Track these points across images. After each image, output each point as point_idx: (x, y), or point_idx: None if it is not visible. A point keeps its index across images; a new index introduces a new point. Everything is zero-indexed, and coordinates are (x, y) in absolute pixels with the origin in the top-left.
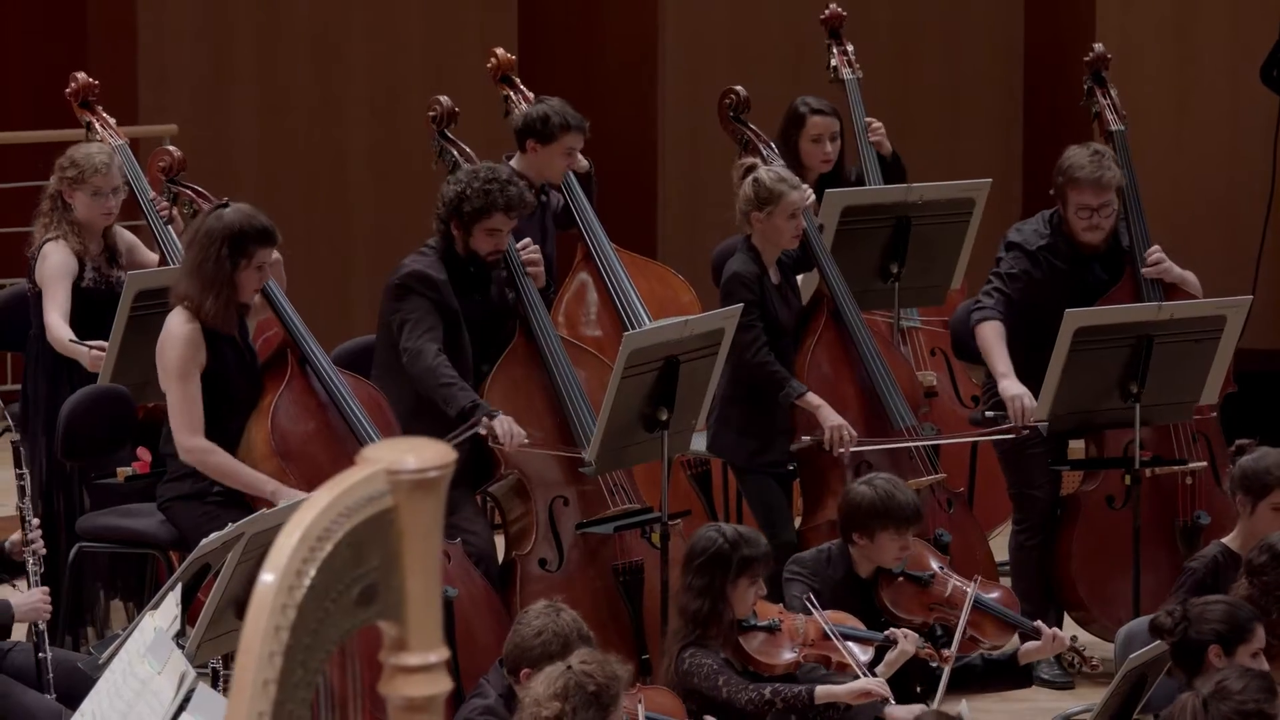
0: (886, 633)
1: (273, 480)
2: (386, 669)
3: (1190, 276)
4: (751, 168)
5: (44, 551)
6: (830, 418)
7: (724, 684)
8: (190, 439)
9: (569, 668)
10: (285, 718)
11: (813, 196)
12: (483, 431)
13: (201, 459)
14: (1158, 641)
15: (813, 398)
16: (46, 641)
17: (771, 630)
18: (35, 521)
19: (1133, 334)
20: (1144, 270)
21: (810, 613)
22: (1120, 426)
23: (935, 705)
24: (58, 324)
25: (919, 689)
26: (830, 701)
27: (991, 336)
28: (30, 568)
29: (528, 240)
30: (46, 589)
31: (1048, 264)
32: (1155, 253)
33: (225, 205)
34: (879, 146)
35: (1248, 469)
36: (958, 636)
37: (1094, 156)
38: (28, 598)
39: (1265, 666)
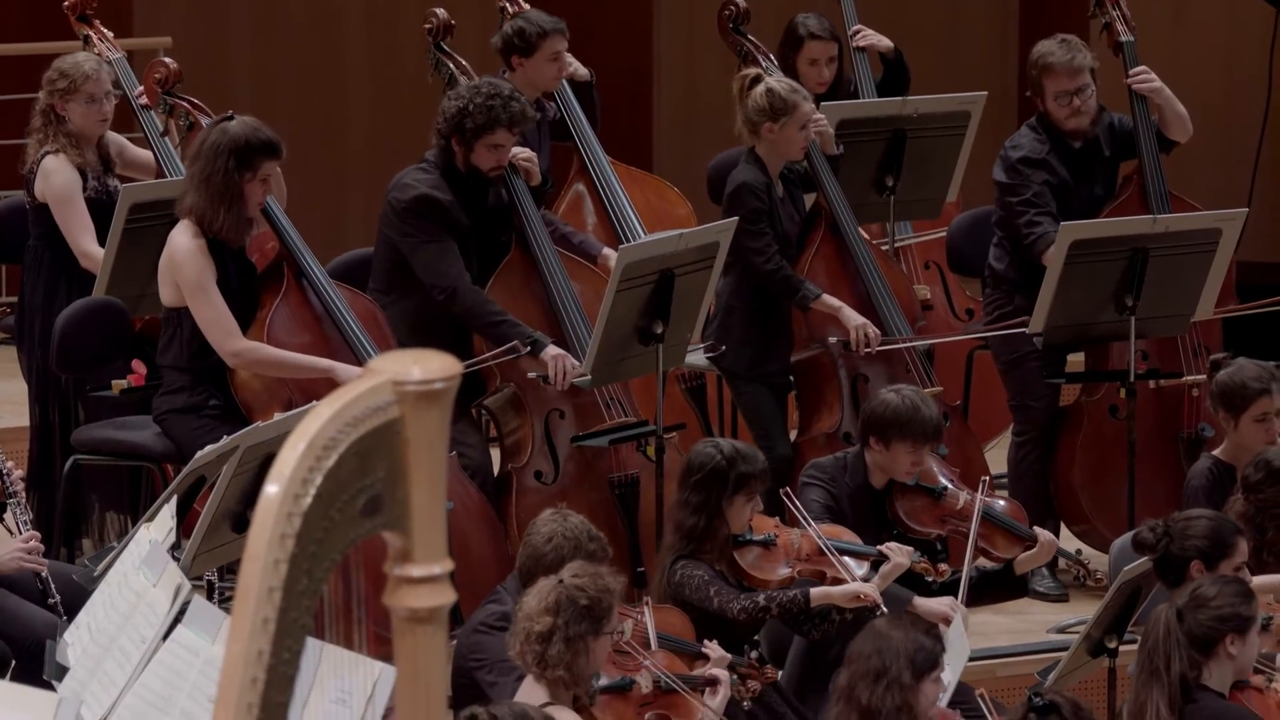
0: (880, 547)
1: (326, 359)
2: (391, 580)
3: (1177, 104)
4: (757, 79)
5: (28, 516)
6: (853, 318)
7: (715, 594)
8: (233, 343)
9: (560, 581)
10: (289, 625)
11: (828, 126)
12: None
13: (252, 359)
14: None
15: (831, 299)
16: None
17: (766, 545)
18: (18, 473)
19: (1128, 247)
20: (1132, 84)
21: (806, 527)
22: (1115, 339)
23: (960, 602)
24: (94, 249)
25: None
26: (825, 605)
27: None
28: (15, 515)
29: (518, 149)
30: (34, 534)
31: (1055, 171)
32: (1145, 72)
33: (230, 118)
34: (874, 48)
35: (1225, 384)
36: (970, 547)
37: (1063, 44)
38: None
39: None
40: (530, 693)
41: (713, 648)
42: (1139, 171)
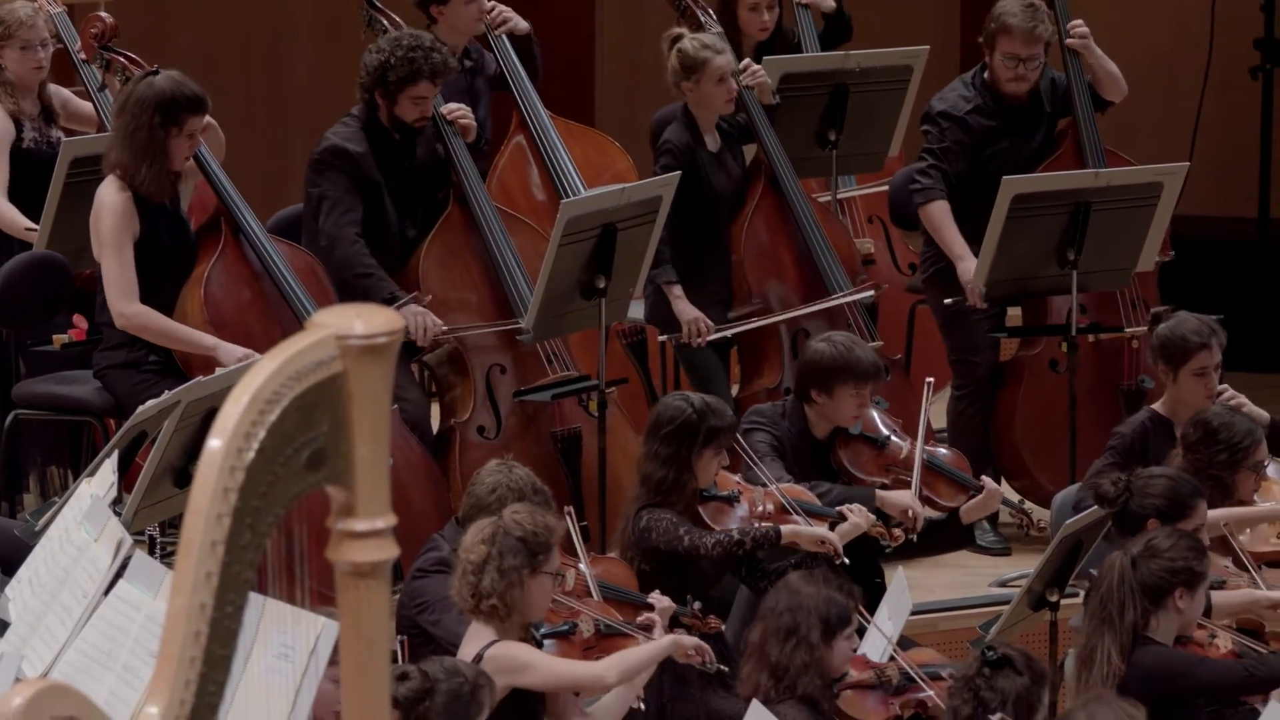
0: (839, 508)
1: (211, 336)
2: (334, 534)
3: (1109, 63)
4: (677, 38)
5: None
6: (686, 311)
7: (685, 533)
8: (126, 305)
9: (499, 517)
10: (232, 579)
11: (765, 77)
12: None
13: (138, 324)
14: (1093, 507)
15: (676, 289)
16: None
17: (730, 501)
18: None
19: (1069, 201)
20: (1068, 41)
21: (768, 485)
22: (1057, 293)
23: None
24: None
25: (877, 580)
26: (792, 543)
27: (938, 217)
28: None
29: (454, 105)
30: None
31: (979, 126)
32: (1079, 26)
33: (155, 73)
34: (817, 5)
35: (1165, 337)
36: (914, 492)
37: (1028, 8)
38: None
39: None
40: (477, 633)
41: (656, 598)
42: (1074, 127)
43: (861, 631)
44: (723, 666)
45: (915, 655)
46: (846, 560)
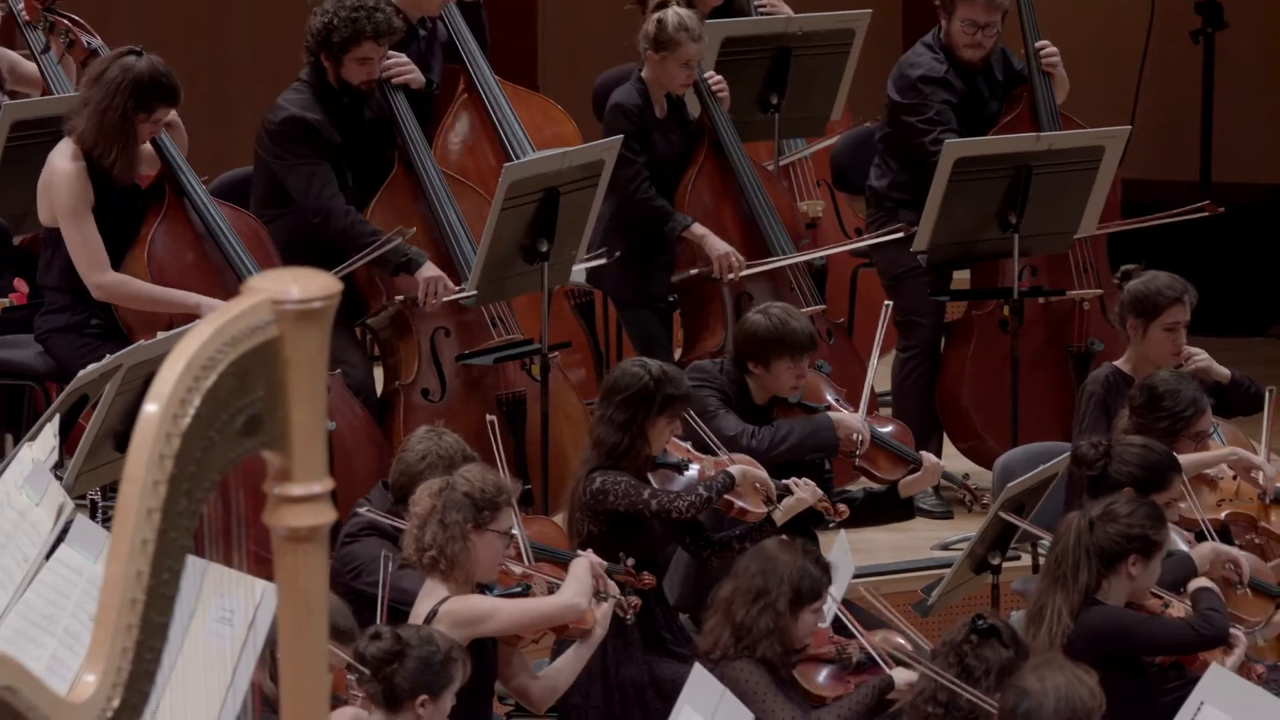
0: (787, 480)
1: (194, 295)
2: (271, 499)
3: (1064, 82)
4: (664, 3)
5: None
6: (717, 246)
7: (650, 496)
8: (100, 275)
9: (452, 474)
10: (169, 546)
11: (726, 90)
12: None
13: (118, 292)
14: (1036, 470)
15: (698, 228)
16: None
17: (680, 469)
18: None
19: (1011, 164)
20: (1043, 64)
21: (718, 454)
22: (999, 257)
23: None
24: None
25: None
26: (743, 484)
27: None
28: None
29: (391, 61)
30: None
31: (953, 89)
32: (1050, 47)
33: (138, 54)
34: None
35: (1138, 291)
36: (858, 460)
37: None
38: None
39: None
40: (430, 591)
41: (588, 555)
42: (1029, 89)
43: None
44: (628, 620)
45: (878, 636)
46: (778, 507)
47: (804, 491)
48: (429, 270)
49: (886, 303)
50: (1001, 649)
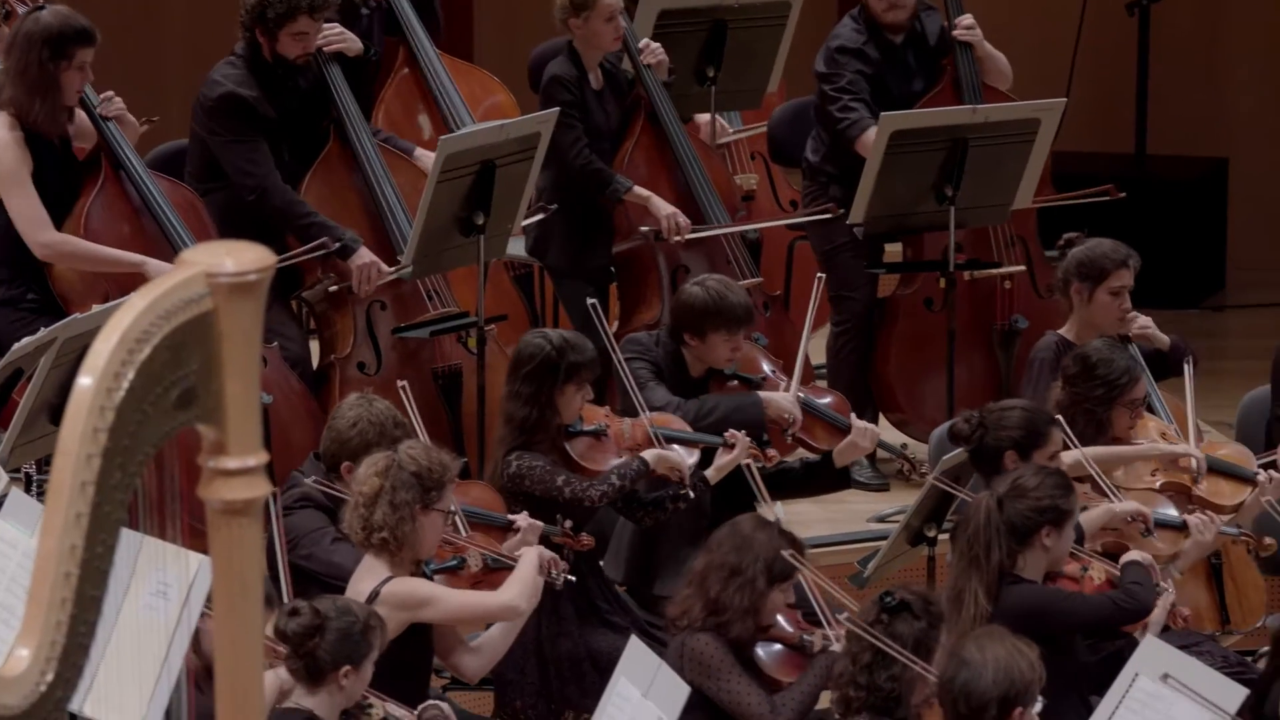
0: (727, 434)
1: (138, 255)
2: (205, 472)
3: (1000, 57)
4: None
5: None
6: (662, 207)
7: (564, 483)
8: (45, 235)
9: (394, 451)
10: (103, 520)
11: (663, 55)
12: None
13: (63, 251)
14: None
15: (641, 190)
16: None
17: (598, 435)
18: None
19: (947, 137)
20: (955, 33)
21: (637, 415)
22: (935, 229)
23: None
24: None
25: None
26: (659, 468)
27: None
28: None
29: (327, 33)
30: None
31: (874, 59)
32: (968, 18)
33: (41, 7)
34: None
35: (1084, 256)
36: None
37: None
38: None
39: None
40: (371, 569)
41: (523, 518)
42: (952, 63)
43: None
44: (570, 577)
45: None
46: (691, 494)
47: (737, 449)
48: (363, 257)
49: (819, 275)
50: (914, 621)
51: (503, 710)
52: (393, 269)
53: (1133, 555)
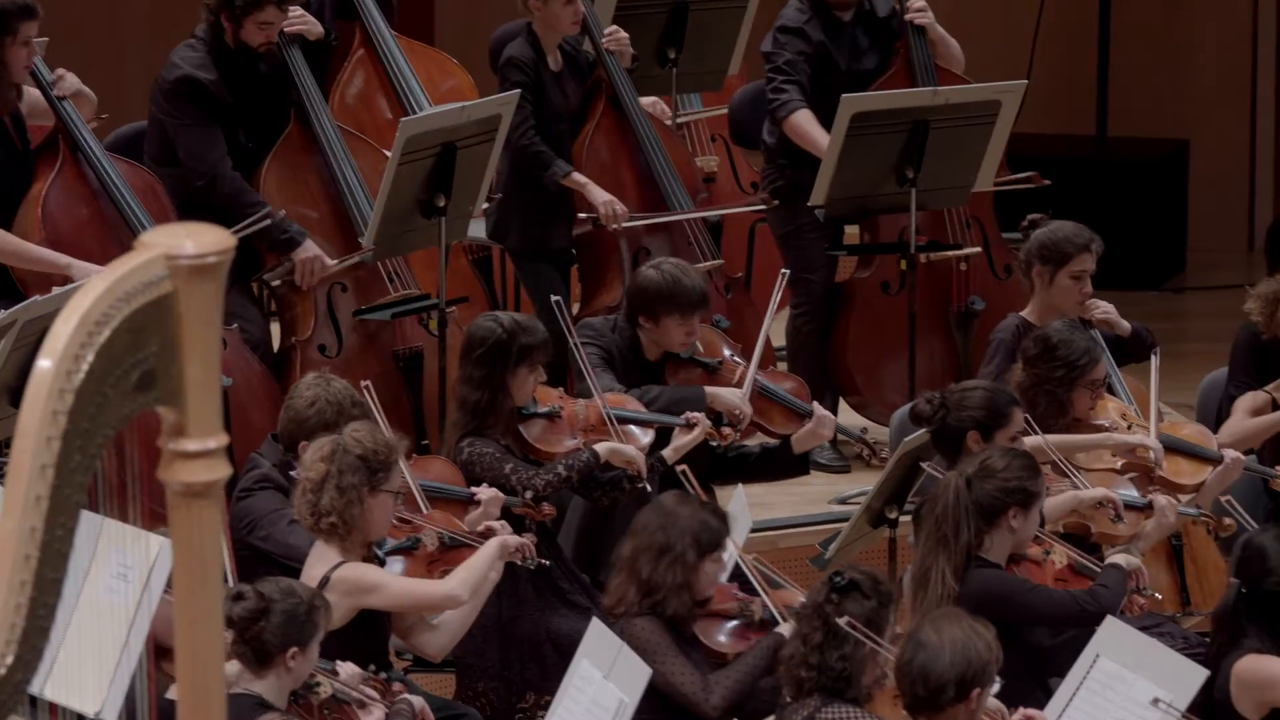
0: (685, 415)
1: (65, 256)
2: (165, 454)
3: (953, 43)
4: None
5: None
6: (598, 194)
7: (511, 471)
8: None
9: (339, 435)
10: (62, 502)
11: (627, 43)
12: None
13: None
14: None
15: (578, 176)
16: None
17: (551, 417)
18: None
19: (909, 119)
20: (908, 16)
21: (591, 397)
22: (896, 211)
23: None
24: None
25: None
26: (615, 473)
27: (805, 125)
28: None
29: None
30: None
31: (817, 39)
32: (920, 0)
33: None
34: None
35: (1045, 240)
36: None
37: None
38: None
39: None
40: (322, 555)
41: (484, 491)
42: (905, 46)
43: None
44: (544, 561)
45: (782, 596)
46: (648, 487)
47: (697, 429)
48: (307, 250)
49: (784, 271)
50: (864, 600)
51: (464, 692)
52: (338, 260)
53: (1119, 558)
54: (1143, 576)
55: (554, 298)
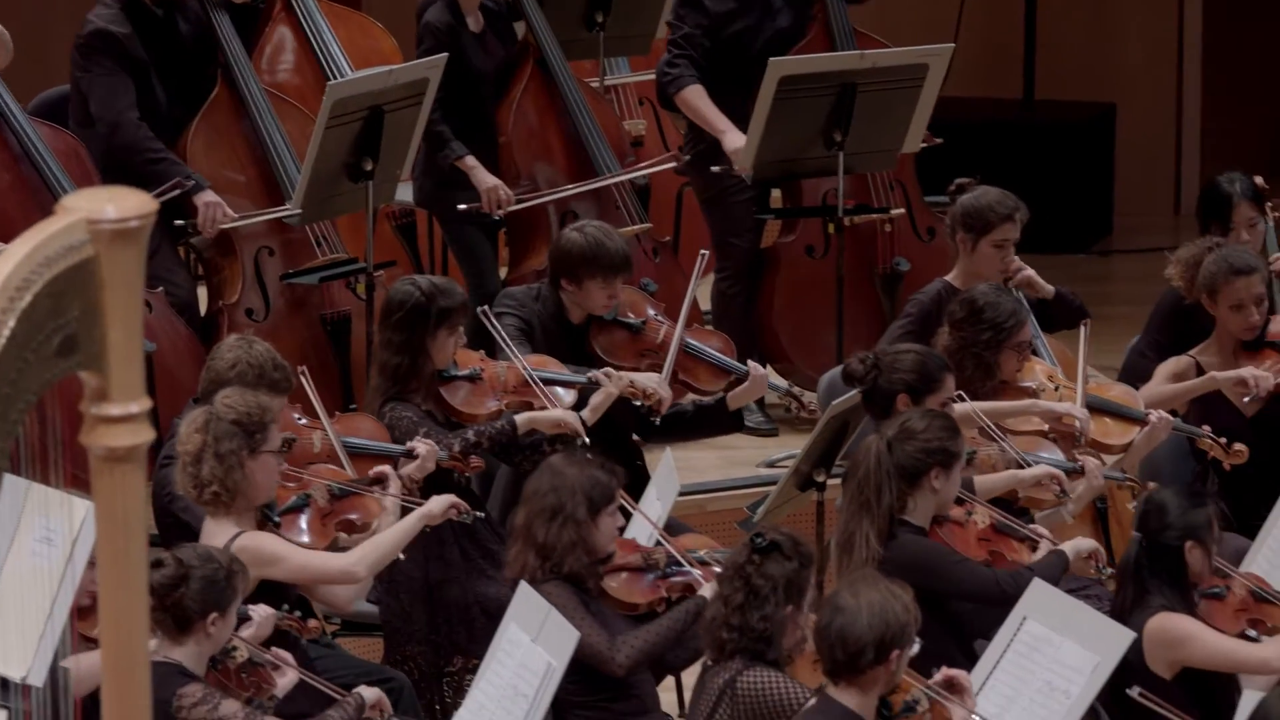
0: (590, 374)
1: None
2: (88, 419)
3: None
4: None
5: None
6: (485, 179)
7: (425, 436)
8: None
9: (211, 404)
10: None
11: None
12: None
13: None
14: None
15: (470, 160)
16: None
17: (472, 380)
18: None
19: (836, 82)
20: None
21: (512, 359)
22: (824, 175)
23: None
24: None
25: (635, 437)
26: (534, 434)
27: (694, 99)
28: None
29: None
30: None
31: (716, 9)
32: None
33: None
34: None
35: (969, 206)
36: (665, 374)
37: None
38: None
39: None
40: (218, 527)
41: (420, 444)
42: (823, 10)
43: (629, 515)
44: (479, 513)
45: (684, 541)
46: (587, 440)
47: (611, 385)
48: (207, 195)
49: (701, 252)
50: (785, 562)
51: (392, 656)
52: (233, 215)
53: (1066, 548)
54: (1100, 556)
55: (480, 308)
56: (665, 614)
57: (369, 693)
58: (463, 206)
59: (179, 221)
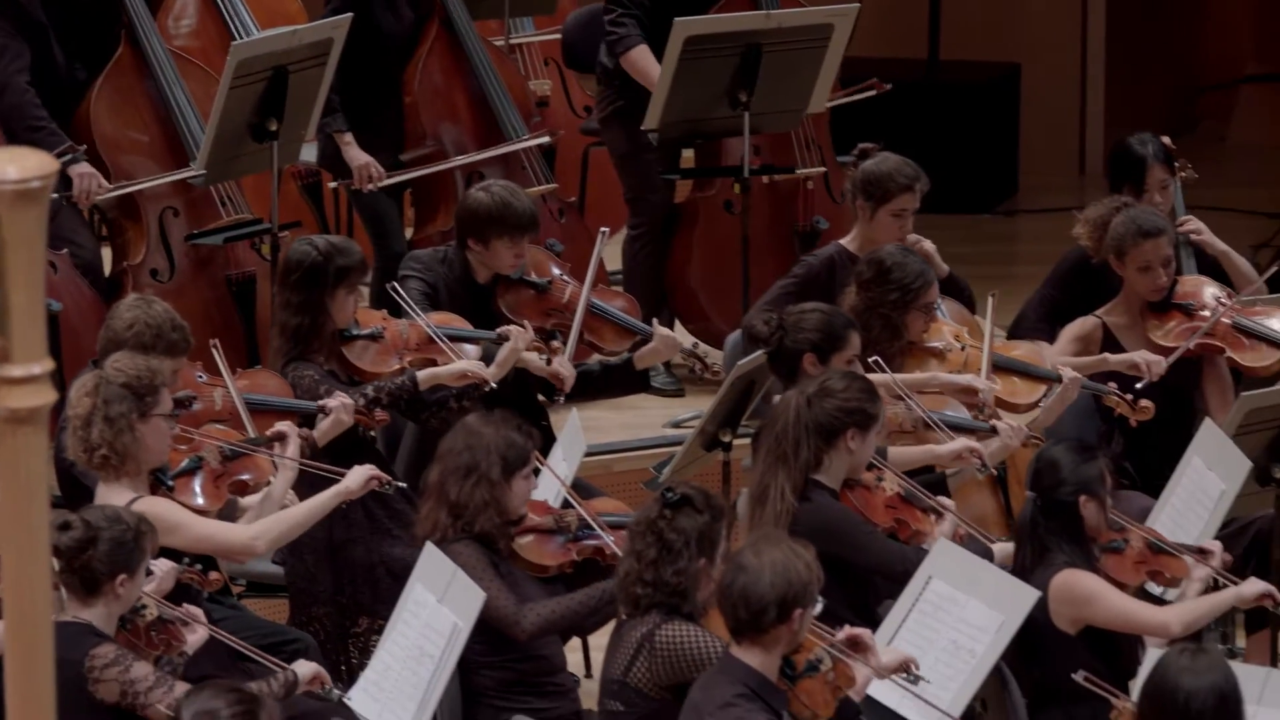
0: (498, 330)
1: None
2: None
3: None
4: None
5: None
6: (357, 156)
7: (325, 393)
8: None
9: (100, 368)
10: None
11: None
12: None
13: None
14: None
15: (348, 136)
16: None
17: (374, 338)
18: None
19: (741, 43)
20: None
21: (414, 318)
22: (730, 135)
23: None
24: None
25: (540, 397)
26: (437, 388)
27: (643, 61)
28: None
29: None
30: None
31: None
32: None
33: None
34: None
35: (870, 173)
36: (572, 340)
37: None
38: None
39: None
40: (114, 492)
41: (333, 399)
42: None
43: (537, 473)
44: (401, 484)
45: (595, 504)
46: (494, 385)
47: (516, 341)
48: (82, 167)
49: (603, 229)
50: (697, 515)
51: (298, 617)
52: (110, 187)
53: (996, 549)
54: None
55: (390, 284)
56: (580, 591)
57: (304, 668)
58: (334, 184)
59: (54, 195)
